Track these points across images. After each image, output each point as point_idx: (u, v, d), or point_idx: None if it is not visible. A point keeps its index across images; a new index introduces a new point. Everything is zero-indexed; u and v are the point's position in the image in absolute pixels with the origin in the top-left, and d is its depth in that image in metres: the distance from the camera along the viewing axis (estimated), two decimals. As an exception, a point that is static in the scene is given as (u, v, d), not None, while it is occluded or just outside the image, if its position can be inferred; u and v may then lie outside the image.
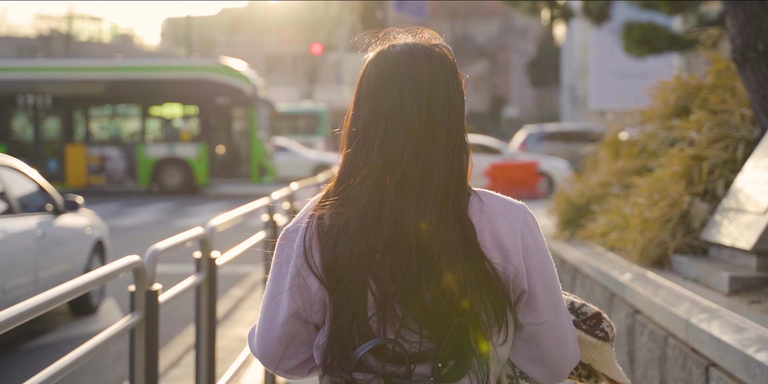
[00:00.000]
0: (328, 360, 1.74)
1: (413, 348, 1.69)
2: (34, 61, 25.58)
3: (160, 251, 3.39)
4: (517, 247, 1.71)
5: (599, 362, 1.85)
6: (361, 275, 1.69)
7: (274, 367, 1.84)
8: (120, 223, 15.85)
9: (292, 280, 1.75)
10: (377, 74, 1.76)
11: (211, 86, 22.49)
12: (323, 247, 1.73)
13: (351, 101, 1.81)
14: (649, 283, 4.41)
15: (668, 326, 3.74)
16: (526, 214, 1.75)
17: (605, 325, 1.84)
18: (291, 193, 6.82)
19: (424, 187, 1.70)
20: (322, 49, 43.05)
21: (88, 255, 8.04)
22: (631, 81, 41.97)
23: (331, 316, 1.73)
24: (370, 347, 1.67)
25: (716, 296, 3.83)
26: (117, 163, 22.68)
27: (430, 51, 1.77)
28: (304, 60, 54.18)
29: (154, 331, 3.20)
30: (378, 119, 1.73)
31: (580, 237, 6.29)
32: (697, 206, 4.82)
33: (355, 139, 1.76)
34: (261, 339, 1.81)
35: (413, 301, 1.67)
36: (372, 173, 1.72)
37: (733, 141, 5.11)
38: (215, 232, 4.30)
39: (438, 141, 1.72)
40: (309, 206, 1.81)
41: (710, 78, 5.96)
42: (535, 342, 1.75)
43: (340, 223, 1.72)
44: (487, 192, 1.79)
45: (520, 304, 1.73)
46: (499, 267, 1.70)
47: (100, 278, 2.82)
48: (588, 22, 12.40)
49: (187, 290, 3.88)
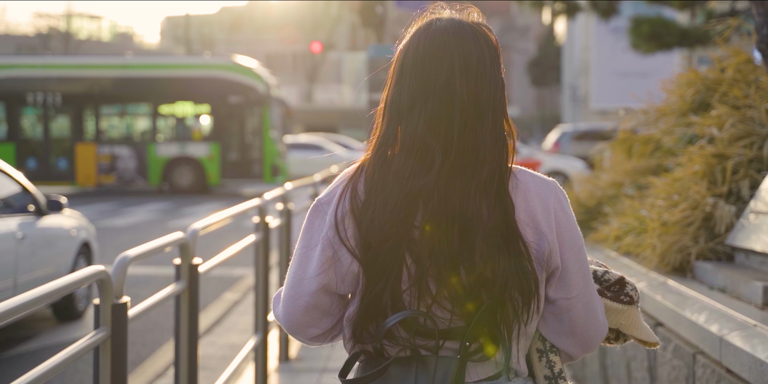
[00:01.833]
0: (357, 332, 1.76)
1: (443, 324, 1.71)
2: (44, 58, 25.20)
3: (131, 259, 3.02)
4: (550, 224, 1.73)
5: (627, 325, 1.89)
6: (399, 250, 1.69)
7: (298, 335, 1.84)
8: (113, 224, 15.48)
9: (323, 252, 1.76)
10: (426, 47, 1.74)
11: (224, 84, 22.17)
12: (359, 220, 1.73)
13: (390, 72, 1.80)
14: (671, 293, 4.04)
15: (697, 343, 3.37)
16: (557, 191, 1.77)
17: (629, 290, 1.88)
18: (284, 193, 6.45)
19: (472, 164, 1.70)
20: (321, 48, 42.72)
21: (74, 258, 7.67)
22: (632, 80, 41.70)
23: (364, 289, 1.74)
24: (402, 318, 1.69)
25: (749, 309, 3.46)
26: (127, 163, 22.36)
27: (476, 29, 1.77)
28: (304, 59, 53.87)
29: (122, 349, 2.83)
30: (426, 93, 1.72)
31: (591, 241, 5.91)
32: (722, 208, 4.45)
33: (397, 111, 1.75)
34: (286, 306, 1.81)
35: (449, 278, 1.69)
36: (418, 147, 1.71)
37: (758, 138, 4.74)
38: (197, 237, 3.93)
39: (485, 119, 1.73)
40: (342, 177, 1.80)
41: (730, 72, 5.59)
42: (566, 315, 1.78)
43: (378, 195, 1.72)
44: (522, 169, 1.79)
45: (552, 280, 1.76)
46: (534, 245, 1.72)
47: (56, 291, 2.45)
48: (595, 16, 11.99)
49: (166, 300, 3.52)
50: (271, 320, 5.78)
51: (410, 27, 1.82)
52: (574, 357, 1.86)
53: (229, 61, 22.86)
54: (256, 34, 59.42)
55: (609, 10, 11.39)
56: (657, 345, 1.96)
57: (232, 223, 8.25)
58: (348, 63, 53.71)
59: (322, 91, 52.11)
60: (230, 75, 22.20)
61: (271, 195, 6.12)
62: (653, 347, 1.96)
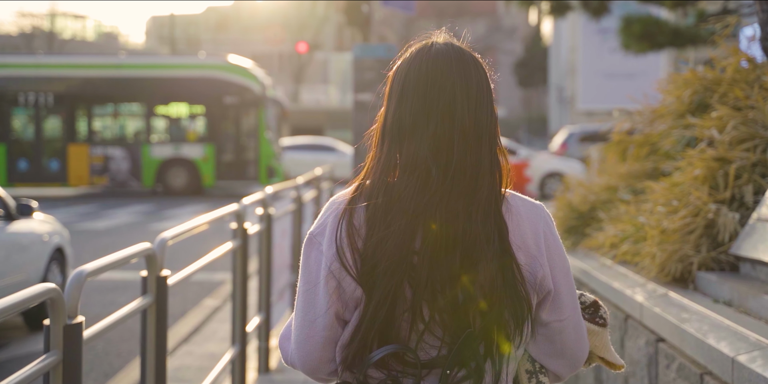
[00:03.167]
0: (348, 358, 1.75)
1: (432, 352, 1.71)
2: (36, 58, 24.71)
3: (87, 274, 2.74)
4: (540, 248, 1.75)
5: (599, 347, 1.93)
6: (398, 277, 1.69)
7: (319, 373, 1.82)
8: (93, 227, 15.15)
9: (327, 284, 1.74)
10: (428, 69, 1.75)
11: (219, 85, 21.86)
12: (363, 249, 1.72)
13: (387, 92, 1.80)
14: (673, 306, 3.78)
15: (706, 363, 3.11)
16: (545, 215, 1.80)
17: (603, 312, 1.92)
18: (264, 197, 6.16)
19: (471, 187, 1.72)
20: (308, 48, 42.41)
21: (46, 264, 7.37)
22: (619, 82, 41.59)
23: (361, 315, 1.73)
24: (386, 353, 1.69)
25: (761, 326, 3.20)
26: (121, 164, 21.95)
27: (471, 53, 1.80)
28: (290, 59, 53.54)
29: (75, 375, 2.56)
30: (428, 115, 1.73)
31: (584, 248, 5.65)
32: (725, 215, 4.19)
33: (398, 133, 1.75)
34: (302, 347, 1.79)
35: (444, 303, 1.69)
36: (419, 168, 1.72)
37: (762, 141, 4.49)
38: (165, 247, 3.65)
39: (483, 142, 1.75)
40: (332, 207, 1.79)
41: (729, 71, 5.35)
42: (558, 337, 1.80)
43: (382, 221, 1.71)
44: (512, 193, 1.81)
45: (545, 304, 1.77)
46: (527, 268, 1.73)
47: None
48: (585, 16, 11.72)
49: (131, 316, 3.24)
50: (249, 331, 5.51)
51: (406, 48, 1.83)
52: (562, 377, 1.89)
53: (224, 61, 22.52)
54: (242, 34, 59.13)
55: (600, 8, 11.13)
56: (623, 368, 1.97)
57: (217, 225, 7.96)
58: (334, 63, 53.46)
59: (309, 91, 51.82)
60: (225, 75, 21.90)
61: (250, 199, 5.84)
62: (618, 370, 1.97)
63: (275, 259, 6.33)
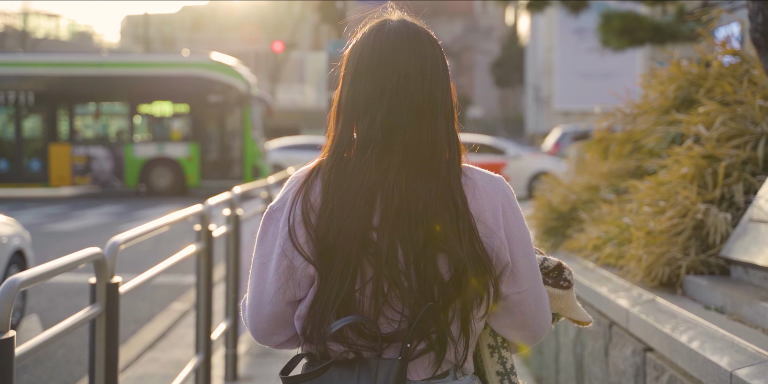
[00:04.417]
0: (307, 330, 1.75)
1: (392, 326, 1.72)
2: (16, 56, 24.16)
3: (20, 283, 2.46)
4: (498, 221, 1.75)
5: (565, 309, 1.92)
6: (356, 253, 1.70)
7: (265, 342, 1.85)
8: (60, 228, 14.79)
9: (279, 264, 1.76)
10: (381, 47, 1.76)
11: (203, 83, 21.43)
12: (316, 225, 1.72)
13: (342, 72, 1.80)
14: (662, 312, 3.55)
15: (700, 376, 2.87)
16: (505, 188, 1.79)
17: (567, 274, 1.91)
18: (231, 197, 5.89)
19: (429, 163, 1.73)
20: (283, 47, 42.07)
21: (4, 268, 7.05)
22: (595, 81, 41.60)
23: (317, 290, 1.74)
24: (345, 323, 1.69)
25: (757, 336, 2.97)
26: (103, 164, 21.42)
27: (428, 32, 1.81)
28: (266, 58, 53.19)
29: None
30: (381, 93, 1.74)
31: (565, 250, 5.41)
32: (715, 216, 3.97)
33: (353, 111, 1.76)
34: (251, 316, 1.82)
35: (406, 278, 1.70)
36: (374, 146, 1.72)
37: (751, 137, 4.28)
38: (117, 252, 3.37)
39: (438, 116, 1.75)
40: (293, 182, 1.79)
41: (716, 66, 5.14)
42: (518, 309, 1.79)
43: (335, 197, 1.71)
44: (470, 166, 1.80)
45: (503, 276, 1.77)
46: (485, 239, 1.73)
47: None
48: (564, 11, 11.52)
49: (78, 327, 2.97)
50: (215, 339, 5.25)
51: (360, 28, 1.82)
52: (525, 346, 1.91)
53: (208, 58, 22.10)
54: (218, 33, 58.76)
55: (579, 3, 10.92)
56: (590, 323, 1.97)
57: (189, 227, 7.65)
58: (311, 63, 53.20)
59: (285, 91, 51.52)
60: (210, 73, 21.49)
61: (216, 200, 5.57)
62: (586, 325, 1.98)
63: (243, 262, 6.06)
